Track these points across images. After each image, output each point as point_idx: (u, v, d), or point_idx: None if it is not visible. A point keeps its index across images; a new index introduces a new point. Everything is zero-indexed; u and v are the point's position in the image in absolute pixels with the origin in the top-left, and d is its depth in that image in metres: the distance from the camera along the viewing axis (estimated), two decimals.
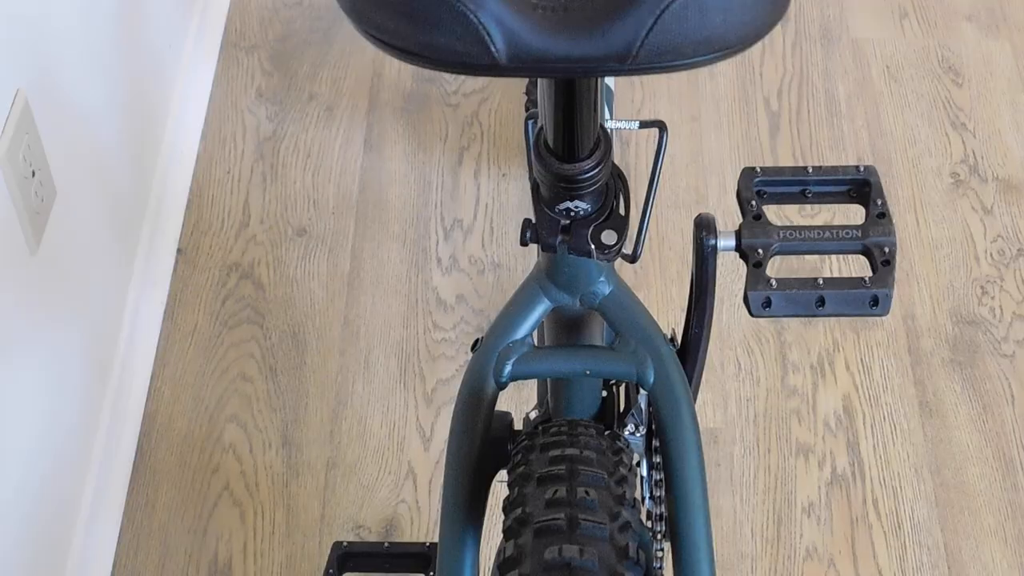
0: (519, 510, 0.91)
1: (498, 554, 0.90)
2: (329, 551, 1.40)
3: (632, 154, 1.99)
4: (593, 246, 0.90)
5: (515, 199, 1.97)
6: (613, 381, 1.15)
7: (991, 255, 1.90)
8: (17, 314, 1.42)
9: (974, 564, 1.65)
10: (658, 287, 1.85)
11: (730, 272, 1.83)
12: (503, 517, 0.93)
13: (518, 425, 1.10)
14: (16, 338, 1.42)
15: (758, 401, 1.78)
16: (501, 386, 0.98)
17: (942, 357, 1.81)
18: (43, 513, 1.50)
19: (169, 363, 1.82)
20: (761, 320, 1.84)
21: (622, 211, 0.92)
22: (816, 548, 1.66)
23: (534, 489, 0.92)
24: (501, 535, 0.93)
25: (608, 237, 0.91)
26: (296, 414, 1.77)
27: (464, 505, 0.97)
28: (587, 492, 0.89)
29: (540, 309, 0.99)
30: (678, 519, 0.93)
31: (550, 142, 0.89)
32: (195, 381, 1.80)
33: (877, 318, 1.84)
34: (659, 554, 1.04)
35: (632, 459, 1.02)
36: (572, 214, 0.90)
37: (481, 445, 0.99)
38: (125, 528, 1.69)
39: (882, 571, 1.64)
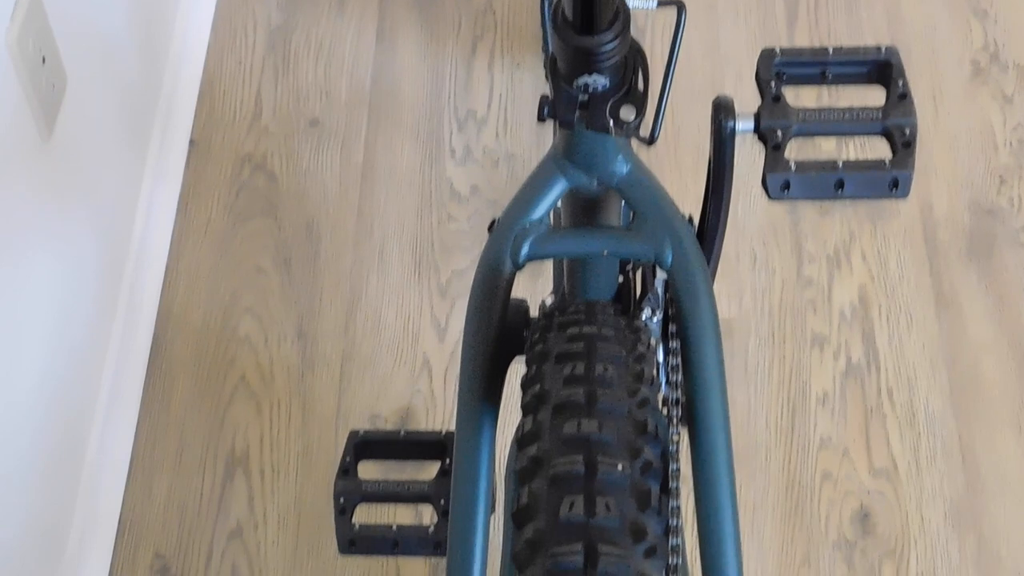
0: (537, 386, 0.91)
1: (517, 430, 0.90)
2: (345, 440, 1.40)
3: (647, 43, 1.97)
4: (611, 121, 0.89)
5: (529, 90, 1.95)
6: (630, 266, 1.14)
7: (1010, 144, 1.88)
8: (31, 203, 1.41)
9: (988, 454, 1.65)
10: (673, 178, 1.84)
11: (745, 164, 1.81)
12: (521, 394, 0.93)
13: (534, 313, 1.10)
14: (31, 228, 1.41)
15: (773, 292, 1.77)
16: (518, 267, 0.97)
17: (959, 248, 1.80)
18: (61, 407, 1.51)
19: (183, 256, 1.81)
20: (776, 212, 1.83)
21: (641, 87, 0.91)
22: (831, 438, 1.66)
23: (552, 366, 0.91)
24: (515, 424, 0.93)
25: (626, 112, 0.89)
26: (311, 306, 1.77)
27: (480, 388, 0.97)
28: (605, 368, 0.89)
29: (557, 189, 0.97)
30: (695, 394, 0.92)
31: (568, 14, 0.87)
32: (209, 274, 1.80)
33: (894, 209, 1.83)
34: (675, 439, 1.04)
35: (650, 339, 1.02)
36: (590, 89, 0.89)
37: (498, 328, 0.98)
38: (142, 421, 1.70)
39: (896, 461, 1.65)
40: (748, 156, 1.29)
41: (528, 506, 0.83)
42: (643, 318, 1.14)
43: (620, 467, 0.83)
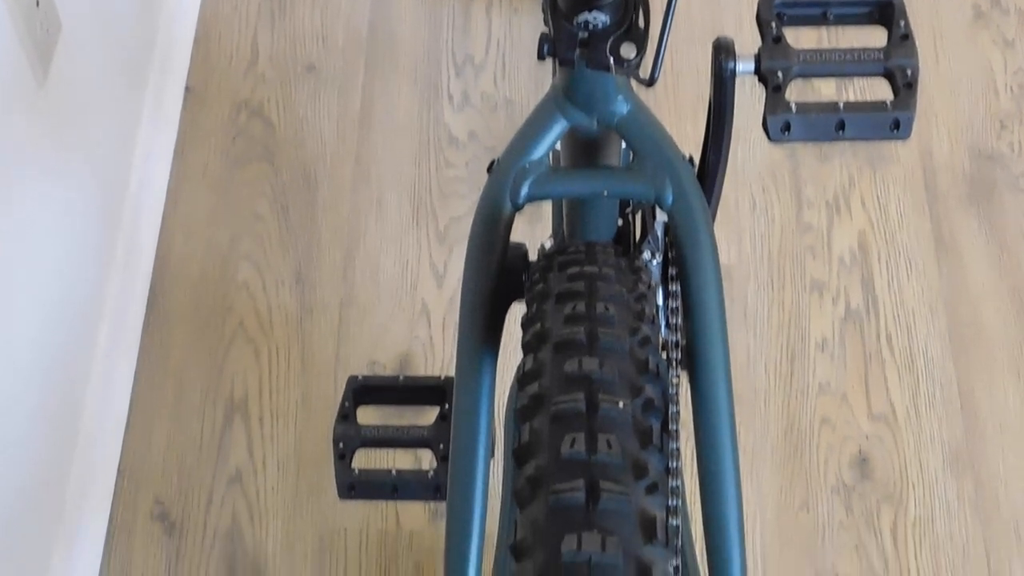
0: (538, 325, 0.90)
1: (518, 369, 0.90)
2: (344, 386, 1.40)
3: None
4: (612, 59, 0.88)
5: (527, 35, 1.93)
6: (629, 208, 1.14)
7: (1011, 89, 1.87)
8: (27, 147, 1.40)
9: (987, 400, 1.65)
10: (672, 123, 1.83)
11: (745, 108, 1.80)
12: (521, 334, 0.92)
13: (533, 257, 1.09)
14: (27, 173, 1.41)
15: (773, 238, 1.77)
16: (517, 208, 0.96)
17: (959, 194, 1.79)
18: (59, 355, 1.51)
19: (180, 202, 1.81)
20: (776, 157, 1.82)
21: (641, 25, 0.90)
22: (829, 383, 1.66)
23: (553, 305, 0.91)
24: (513, 370, 0.92)
25: (627, 50, 0.88)
26: (309, 253, 1.77)
27: (480, 331, 0.97)
28: (606, 307, 0.89)
29: (557, 129, 0.97)
30: (696, 335, 0.92)
31: None
32: (207, 220, 1.79)
33: (894, 154, 1.82)
34: (674, 381, 1.03)
35: (650, 279, 1.02)
36: (590, 26, 0.88)
37: (498, 269, 0.98)
38: (141, 368, 1.69)
39: (895, 406, 1.65)
40: (748, 99, 1.28)
41: (529, 443, 0.83)
42: (643, 259, 1.14)
43: (621, 404, 0.83)
